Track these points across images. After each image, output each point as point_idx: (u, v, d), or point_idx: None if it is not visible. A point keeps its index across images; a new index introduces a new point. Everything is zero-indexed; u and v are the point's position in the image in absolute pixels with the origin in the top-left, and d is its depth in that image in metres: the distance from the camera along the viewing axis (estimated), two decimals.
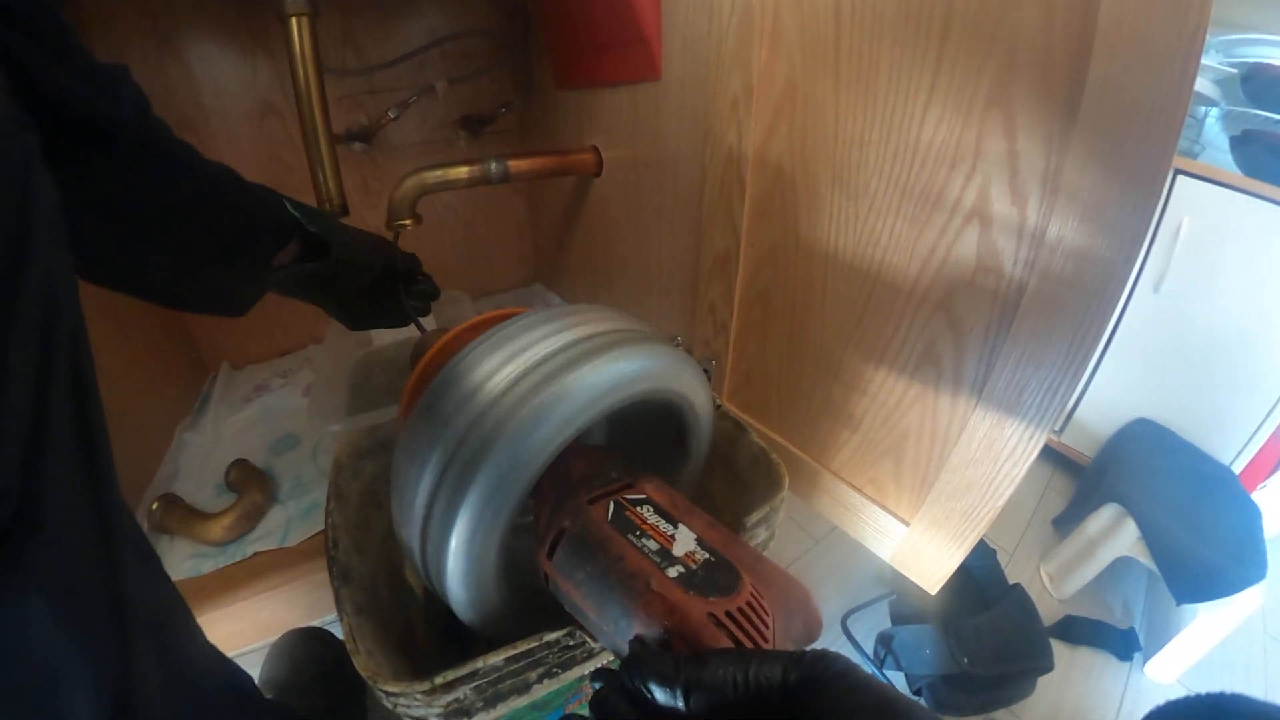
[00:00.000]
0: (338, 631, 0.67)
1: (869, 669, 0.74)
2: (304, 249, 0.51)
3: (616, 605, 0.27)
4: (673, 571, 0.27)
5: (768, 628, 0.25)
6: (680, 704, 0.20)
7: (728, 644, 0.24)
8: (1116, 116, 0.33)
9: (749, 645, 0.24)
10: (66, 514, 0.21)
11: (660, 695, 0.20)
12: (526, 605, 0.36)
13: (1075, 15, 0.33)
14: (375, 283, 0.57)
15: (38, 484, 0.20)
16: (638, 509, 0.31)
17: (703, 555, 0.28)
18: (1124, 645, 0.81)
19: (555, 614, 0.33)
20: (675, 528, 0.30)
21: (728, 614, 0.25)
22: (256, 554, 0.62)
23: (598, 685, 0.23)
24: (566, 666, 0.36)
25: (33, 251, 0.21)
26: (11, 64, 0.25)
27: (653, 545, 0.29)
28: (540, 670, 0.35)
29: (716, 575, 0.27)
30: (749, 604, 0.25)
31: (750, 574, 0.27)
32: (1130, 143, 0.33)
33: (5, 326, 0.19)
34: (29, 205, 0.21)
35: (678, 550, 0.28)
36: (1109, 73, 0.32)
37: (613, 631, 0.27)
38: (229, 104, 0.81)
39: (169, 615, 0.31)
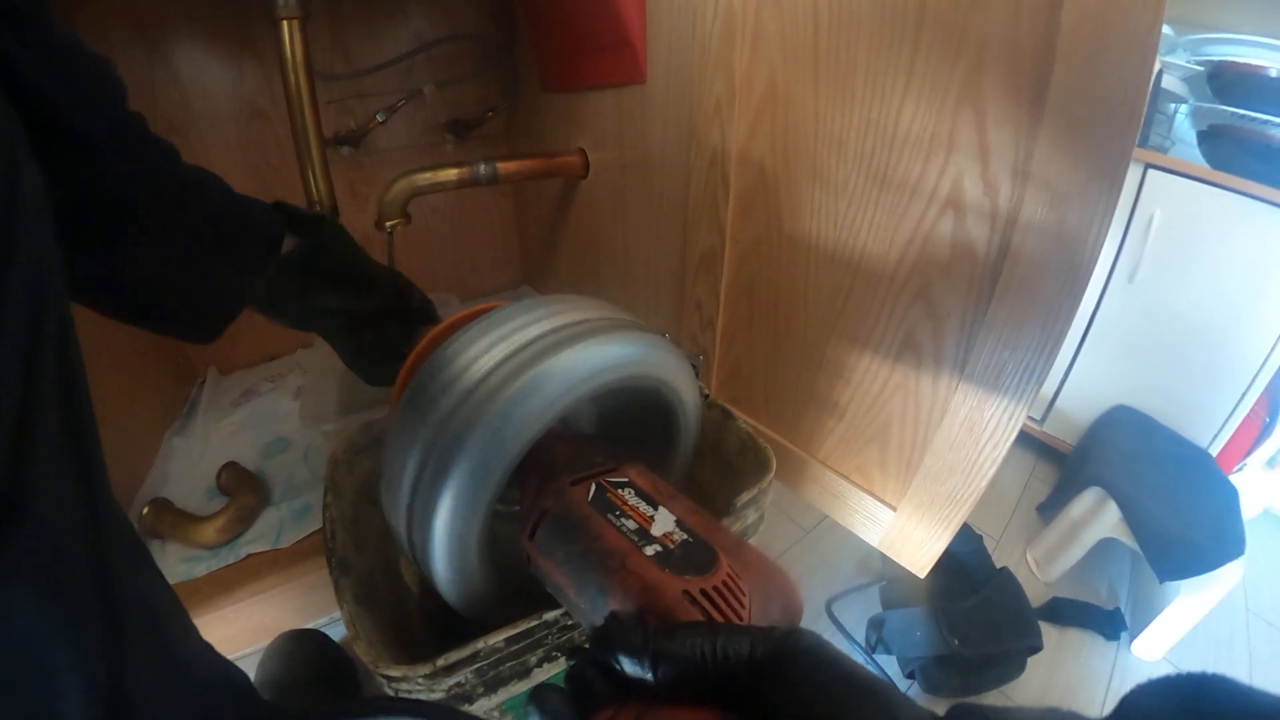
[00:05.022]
0: (332, 633, 0.67)
1: (856, 653, 0.76)
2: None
3: (593, 583, 0.27)
4: (649, 550, 0.27)
5: (744, 608, 0.25)
6: (649, 675, 0.19)
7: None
8: (1081, 108, 0.34)
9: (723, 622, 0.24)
10: (54, 506, 0.21)
11: (629, 666, 0.20)
12: (514, 592, 0.36)
13: (1040, 14, 0.35)
14: (383, 311, 0.52)
15: (25, 474, 0.20)
16: (619, 491, 0.31)
17: (681, 536, 0.28)
18: (1110, 625, 0.83)
19: (540, 602, 0.33)
20: (655, 510, 0.30)
21: (702, 592, 0.25)
22: (249, 556, 0.61)
23: (573, 661, 0.23)
24: (565, 649, 0.37)
25: (20, 236, 0.20)
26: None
27: (631, 525, 0.29)
28: (540, 653, 0.36)
29: (693, 555, 0.27)
30: (725, 583, 0.25)
31: (729, 556, 0.27)
32: (1094, 132, 0.34)
33: None
34: (15, 189, 0.20)
35: (656, 530, 0.28)
36: (1073, 68, 0.34)
37: (590, 609, 0.27)
38: (216, 108, 0.81)
39: (164, 612, 0.31)
